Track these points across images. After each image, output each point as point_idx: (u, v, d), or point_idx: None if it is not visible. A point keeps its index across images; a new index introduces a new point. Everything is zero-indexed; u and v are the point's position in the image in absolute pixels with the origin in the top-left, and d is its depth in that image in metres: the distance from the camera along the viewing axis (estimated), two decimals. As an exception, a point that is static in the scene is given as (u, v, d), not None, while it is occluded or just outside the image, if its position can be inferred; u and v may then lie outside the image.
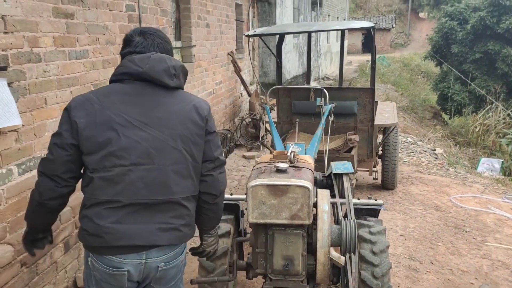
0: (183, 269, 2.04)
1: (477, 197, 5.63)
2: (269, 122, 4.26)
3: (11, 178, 2.73)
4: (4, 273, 2.61)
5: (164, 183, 1.83)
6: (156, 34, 1.99)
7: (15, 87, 2.73)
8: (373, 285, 2.52)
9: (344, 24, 5.20)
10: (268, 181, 2.19)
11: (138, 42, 1.93)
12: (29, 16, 2.85)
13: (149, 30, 2.01)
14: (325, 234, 2.21)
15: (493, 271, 3.81)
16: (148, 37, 1.95)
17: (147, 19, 4.59)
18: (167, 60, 1.88)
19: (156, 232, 1.82)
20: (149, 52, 1.90)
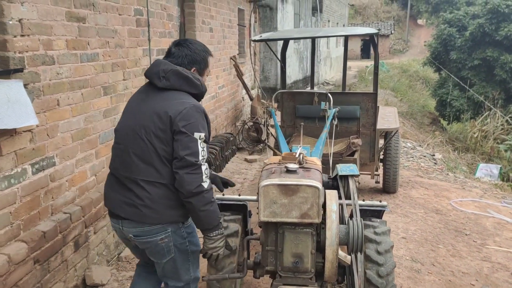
0: (180, 251, 2.27)
1: (476, 201, 5.71)
2: (273, 126, 4.34)
3: (25, 177, 2.80)
4: (19, 269, 2.67)
5: (128, 162, 2.20)
6: (187, 46, 2.31)
7: (31, 88, 2.80)
8: (378, 284, 2.59)
9: (348, 30, 5.29)
10: (279, 181, 2.26)
11: (173, 52, 2.31)
12: (44, 20, 2.92)
13: (183, 42, 2.33)
14: (333, 233, 2.28)
15: (493, 273, 3.88)
16: (180, 48, 2.30)
17: (154, 24, 4.67)
18: (160, 65, 2.23)
19: (121, 204, 2.22)
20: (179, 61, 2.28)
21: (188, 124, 2.10)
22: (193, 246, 2.33)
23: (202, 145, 2.12)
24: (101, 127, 3.72)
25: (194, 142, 2.10)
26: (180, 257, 2.29)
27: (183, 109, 2.13)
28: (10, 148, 2.66)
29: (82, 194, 3.46)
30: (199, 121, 2.14)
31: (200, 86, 2.27)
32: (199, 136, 2.11)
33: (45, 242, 2.91)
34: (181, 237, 2.26)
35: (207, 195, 2.11)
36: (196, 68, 2.31)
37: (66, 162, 3.23)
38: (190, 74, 2.25)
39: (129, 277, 3.64)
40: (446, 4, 31.47)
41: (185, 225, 2.28)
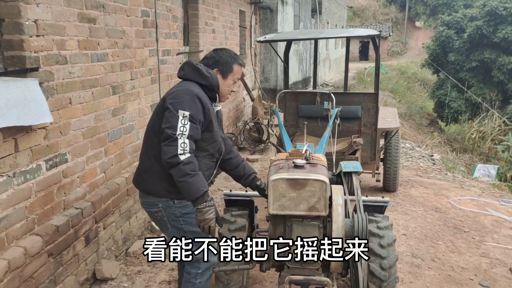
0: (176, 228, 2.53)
1: (475, 200, 5.82)
2: (277, 125, 4.43)
3: (40, 173, 2.89)
4: (34, 262, 2.77)
5: (144, 138, 2.61)
6: (216, 51, 2.66)
7: (45, 87, 2.90)
8: (381, 276, 2.69)
9: (350, 32, 5.40)
10: (288, 176, 2.36)
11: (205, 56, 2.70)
12: (58, 21, 3.02)
13: (218, 49, 2.71)
14: (339, 225, 2.38)
15: (492, 269, 3.98)
16: (211, 53, 2.66)
17: (160, 25, 4.76)
18: (186, 62, 2.62)
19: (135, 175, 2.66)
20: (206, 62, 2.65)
21: (175, 102, 2.36)
22: (189, 226, 2.51)
23: (183, 122, 2.32)
24: (110, 126, 3.81)
25: (175, 118, 2.33)
26: (178, 233, 2.53)
27: (175, 90, 2.44)
28: (26, 145, 2.75)
29: (92, 190, 3.55)
30: (185, 101, 2.37)
31: (209, 78, 2.52)
32: (183, 114, 2.33)
33: (58, 236, 3.01)
34: (174, 215, 2.51)
35: (184, 167, 2.29)
36: (218, 69, 2.60)
37: (77, 159, 3.32)
38: (202, 66, 2.55)
39: (137, 271, 3.74)
40: (444, 6, 31.62)
41: (176, 204, 2.48)
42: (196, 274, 2.58)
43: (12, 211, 2.65)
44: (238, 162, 2.87)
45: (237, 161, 2.87)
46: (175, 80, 5.31)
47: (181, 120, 2.31)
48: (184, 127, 2.31)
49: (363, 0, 46.27)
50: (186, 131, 2.31)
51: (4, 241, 2.60)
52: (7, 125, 2.47)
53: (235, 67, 2.63)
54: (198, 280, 2.58)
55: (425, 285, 3.64)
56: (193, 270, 2.59)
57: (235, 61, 2.64)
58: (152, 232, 4.45)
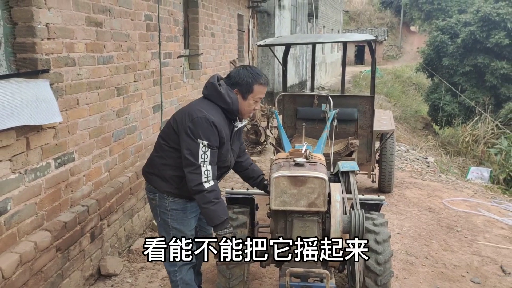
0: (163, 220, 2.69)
1: (467, 201, 5.97)
2: (275, 127, 4.56)
3: (49, 171, 3.01)
4: (43, 256, 2.87)
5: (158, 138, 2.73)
6: (238, 71, 2.64)
7: (55, 88, 3.02)
8: (377, 271, 2.81)
9: (348, 37, 5.55)
10: (289, 173, 2.49)
11: (229, 75, 2.69)
12: (67, 24, 3.14)
13: (241, 67, 2.69)
14: (337, 221, 2.51)
15: (483, 266, 4.12)
16: (234, 72, 2.66)
17: (162, 28, 4.89)
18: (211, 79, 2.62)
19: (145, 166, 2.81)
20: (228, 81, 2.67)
21: (195, 130, 2.44)
22: (175, 222, 2.69)
23: (203, 149, 2.43)
24: (115, 126, 3.93)
25: (195, 146, 2.43)
26: (163, 227, 2.73)
27: (196, 117, 2.47)
28: (37, 143, 2.87)
29: (97, 188, 3.66)
30: (204, 130, 2.44)
31: (230, 103, 2.55)
32: (202, 143, 2.43)
33: (66, 232, 3.12)
34: (165, 208, 2.67)
35: (208, 195, 2.43)
36: (237, 89, 2.59)
37: (83, 158, 3.44)
38: (224, 90, 2.56)
39: (140, 268, 3.84)
40: (438, 11, 31.93)
41: (169, 198, 2.66)
42: (174, 271, 2.75)
43: (24, 207, 2.76)
44: (248, 165, 3.04)
45: (247, 164, 3.03)
46: (176, 83, 5.45)
47: (201, 148, 2.43)
48: (205, 154, 2.44)
49: (359, 5, 46.60)
50: (207, 158, 2.44)
51: (15, 236, 2.71)
52: (21, 123, 2.58)
53: (255, 88, 2.59)
54: (178, 277, 2.74)
55: (419, 281, 3.77)
56: (171, 269, 2.75)
57: (256, 81, 2.59)
58: (154, 230, 4.56)
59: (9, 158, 2.61)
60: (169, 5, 5.15)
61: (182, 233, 2.69)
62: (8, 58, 2.78)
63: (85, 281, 3.44)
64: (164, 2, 4.98)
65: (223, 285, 2.91)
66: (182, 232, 2.69)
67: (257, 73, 2.61)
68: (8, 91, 2.48)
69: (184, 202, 2.68)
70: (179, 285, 2.77)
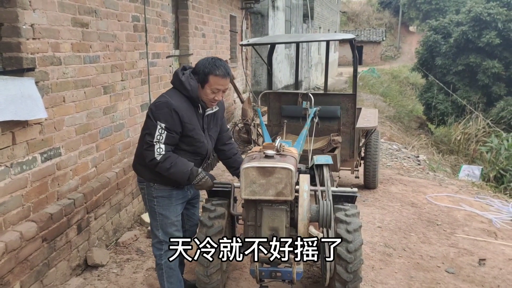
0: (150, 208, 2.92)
1: (451, 196, 6.10)
2: (260, 125, 4.71)
3: (35, 165, 3.15)
4: (29, 246, 3.02)
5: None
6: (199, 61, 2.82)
7: (41, 86, 3.16)
8: (347, 259, 2.95)
9: (328, 36, 5.69)
10: (258, 164, 2.63)
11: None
12: (52, 25, 3.29)
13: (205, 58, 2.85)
14: (305, 209, 2.65)
15: (459, 257, 4.26)
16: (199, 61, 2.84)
17: (150, 29, 5.04)
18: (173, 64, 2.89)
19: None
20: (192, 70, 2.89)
21: (156, 113, 2.67)
22: (161, 208, 2.88)
23: (160, 131, 2.65)
24: (101, 123, 4.07)
25: (153, 127, 2.66)
26: (151, 214, 2.94)
27: (159, 101, 2.72)
28: (23, 138, 3.01)
29: (84, 183, 3.81)
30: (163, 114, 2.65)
31: (189, 90, 2.73)
32: (160, 125, 2.65)
33: (52, 223, 3.26)
34: (151, 195, 2.89)
35: (163, 164, 2.68)
36: (196, 78, 2.77)
37: (70, 153, 3.58)
38: (185, 78, 2.75)
39: (126, 259, 3.99)
40: (436, 11, 32.15)
41: (155, 186, 2.86)
42: (160, 255, 2.94)
43: (9, 199, 2.91)
44: (231, 155, 3.25)
45: (230, 153, 3.26)
46: (165, 82, 5.60)
47: (158, 129, 2.66)
48: (161, 136, 2.67)
49: (357, 5, 46.77)
50: (162, 139, 2.67)
51: (1, 226, 2.86)
52: (5, 119, 2.73)
53: (211, 78, 2.70)
54: (163, 260, 2.93)
55: (394, 271, 3.91)
56: (157, 253, 2.95)
57: (211, 72, 2.69)
58: (142, 225, 4.70)
59: (-6, 152, 2.76)
60: (157, 6, 5.30)
61: (168, 218, 2.90)
62: (-6, 57, 2.92)
63: (72, 271, 3.58)
64: (152, 3, 5.13)
65: (202, 273, 3.05)
66: (167, 217, 2.90)
67: (215, 65, 2.71)
68: (-7, 88, 2.63)
69: (170, 190, 2.89)
70: (163, 268, 2.95)
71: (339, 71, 28.78)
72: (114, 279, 3.67)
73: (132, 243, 4.27)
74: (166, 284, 2.97)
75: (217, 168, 7.07)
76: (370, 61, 37.23)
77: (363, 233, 4.48)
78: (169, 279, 2.96)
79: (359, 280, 2.99)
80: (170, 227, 2.91)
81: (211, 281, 3.05)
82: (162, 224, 2.91)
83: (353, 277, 2.93)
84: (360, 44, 36.32)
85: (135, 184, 4.69)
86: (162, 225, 2.91)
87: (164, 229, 2.91)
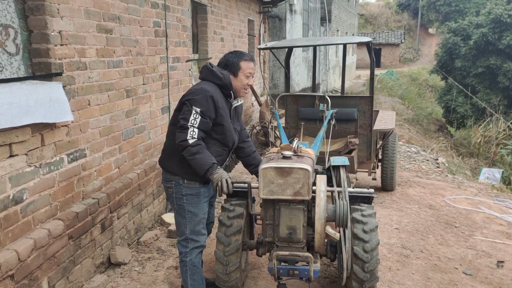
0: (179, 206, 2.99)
1: (469, 199, 6.08)
2: (277, 127, 4.79)
3: (62, 165, 3.29)
4: (56, 243, 3.15)
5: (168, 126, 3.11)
6: (225, 55, 3.08)
7: (67, 90, 3.30)
8: (364, 258, 3.01)
9: (344, 39, 5.75)
10: (276, 164, 2.72)
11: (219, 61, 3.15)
12: (79, 31, 3.43)
13: (227, 53, 3.11)
14: (321, 209, 2.72)
15: (477, 259, 4.26)
16: (222, 57, 3.11)
17: (170, 34, 5.17)
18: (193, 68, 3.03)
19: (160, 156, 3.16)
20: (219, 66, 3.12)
21: (191, 99, 2.81)
22: (190, 206, 2.95)
23: (195, 115, 2.77)
24: (124, 125, 4.21)
25: (189, 111, 2.79)
26: (179, 212, 3.01)
27: (194, 89, 2.89)
28: (51, 140, 3.15)
29: (107, 183, 3.94)
30: (199, 99, 2.79)
31: (222, 78, 2.93)
32: (195, 109, 2.77)
33: (77, 221, 3.39)
34: (180, 193, 2.96)
35: (192, 148, 2.75)
36: (228, 70, 2.99)
37: (94, 155, 3.72)
38: (216, 68, 2.97)
39: (147, 258, 4.11)
40: (456, 13, 31.82)
41: (185, 183, 2.94)
42: (185, 253, 3.02)
43: (38, 197, 3.04)
44: (250, 152, 3.36)
45: (249, 151, 3.36)
46: (185, 85, 5.73)
47: (193, 113, 2.77)
48: (195, 120, 2.77)
49: (375, 8, 46.55)
50: (196, 123, 2.77)
51: (31, 223, 2.99)
52: (35, 121, 2.87)
53: (242, 64, 2.99)
54: (188, 258, 3.02)
55: (411, 272, 3.94)
56: (183, 250, 3.03)
57: (241, 59, 3.00)
58: (162, 225, 4.82)
59: (25, 153, 2.90)
60: (177, 12, 5.43)
61: (197, 216, 3.00)
62: (25, 63, 3.07)
63: (96, 268, 3.71)
64: (172, 9, 5.27)
65: (221, 271, 3.14)
66: (196, 215, 3.01)
67: (240, 52, 3.05)
68: (24, 92, 2.77)
69: (198, 187, 2.98)
70: (187, 266, 3.05)
71: (357, 74, 28.69)
72: (136, 276, 3.79)
73: (153, 243, 4.38)
74: (189, 281, 3.05)
75: (235, 170, 7.17)
76: (389, 63, 36.97)
77: (380, 234, 4.52)
78: (192, 276, 3.05)
79: (376, 280, 3.04)
80: (198, 224, 3.02)
81: (230, 279, 3.13)
82: (191, 221, 3.00)
83: (369, 277, 2.98)
84: (378, 47, 36.14)
85: (156, 185, 4.81)
86: (191, 222, 3.00)
87: (192, 226, 3.01)
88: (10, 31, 2.92)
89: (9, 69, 2.92)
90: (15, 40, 2.96)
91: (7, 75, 2.89)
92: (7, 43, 2.89)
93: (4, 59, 2.88)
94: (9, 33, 2.91)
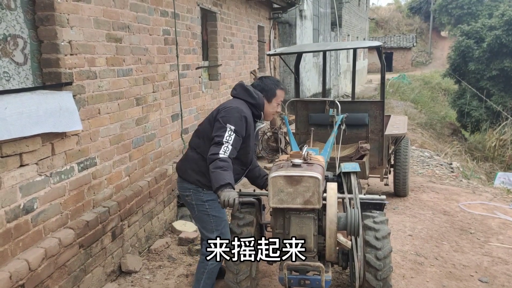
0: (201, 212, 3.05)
1: (485, 204, 5.97)
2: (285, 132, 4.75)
3: (73, 174, 3.30)
4: (67, 252, 3.15)
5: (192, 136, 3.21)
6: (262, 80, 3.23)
7: (77, 99, 3.32)
8: (376, 266, 2.95)
9: (354, 44, 5.71)
10: (285, 173, 2.68)
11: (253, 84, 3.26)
12: (88, 41, 3.45)
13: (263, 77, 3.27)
14: (332, 217, 2.68)
15: (493, 266, 4.16)
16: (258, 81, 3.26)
17: (180, 42, 5.19)
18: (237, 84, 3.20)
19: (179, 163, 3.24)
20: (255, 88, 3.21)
21: (225, 117, 2.89)
22: (213, 211, 3.01)
23: (229, 133, 2.83)
24: (134, 134, 4.22)
25: (223, 129, 2.85)
26: (202, 218, 3.09)
27: (229, 106, 2.96)
28: (61, 149, 3.17)
29: (118, 191, 3.95)
30: (234, 118, 2.87)
31: (257, 98, 3.07)
32: (230, 127, 2.85)
33: (88, 230, 3.40)
34: (201, 200, 3.04)
35: (220, 162, 2.73)
36: (264, 95, 3.14)
37: (105, 163, 3.73)
38: (251, 88, 3.10)
39: (158, 266, 4.10)
40: (468, 16, 31.53)
41: (204, 191, 2.97)
42: (209, 255, 2.96)
43: (49, 206, 3.05)
44: (253, 166, 3.42)
45: (252, 165, 3.41)
46: (195, 93, 5.73)
47: (228, 131, 2.84)
48: (230, 137, 2.84)
49: (386, 12, 46.34)
50: (231, 140, 2.83)
51: (42, 232, 3.00)
52: (46, 131, 2.88)
53: (278, 92, 3.18)
54: (210, 262, 3.07)
55: (426, 280, 3.86)
56: (207, 252, 2.93)
57: (278, 87, 3.18)
58: (173, 232, 4.81)
59: (35, 162, 2.91)
60: (187, 20, 5.45)
61: (221, 219, 3.08)
62: (34, 72, 3.10)
63: (107, 277, 3.71)
64: (182, 17, 5.29)
65: (231, 280, 3.11)
66: (221, 218, 3.08)
67: (277, 81, 3.26)
68: (34, 102, 2.79)
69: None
70: (206, 269, 3.12)
71: (368, 78, 28.53)
72: (147, 285, 3.78)
73: (164, 250, 4.37)
74: (202, 283, 3.12)
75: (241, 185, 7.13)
76: (401, 67, 36.71)
77: (393, 241, 4.46)
78: (206, 280, 3.13)
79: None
80: (225, 226, 3.09)
81: (241, 287, 3.10)
82: (218, 225, 3.07)
83: (382, 285, 2.92)
84: (390, 51, 35.91)
85: (166, 193, 4.81)
86: (218, 225, 3.07)
87: (220, 229, 3.07)
88: (19, 41, 2.95)
89: (17, 78, 2.94)
90: (23, 50, 2.99)
91: (14, 84, 2.91)
92: (14, 53, 2.91)
93: (12, 68, 2.90)
94: (18, 43, 2.94)
